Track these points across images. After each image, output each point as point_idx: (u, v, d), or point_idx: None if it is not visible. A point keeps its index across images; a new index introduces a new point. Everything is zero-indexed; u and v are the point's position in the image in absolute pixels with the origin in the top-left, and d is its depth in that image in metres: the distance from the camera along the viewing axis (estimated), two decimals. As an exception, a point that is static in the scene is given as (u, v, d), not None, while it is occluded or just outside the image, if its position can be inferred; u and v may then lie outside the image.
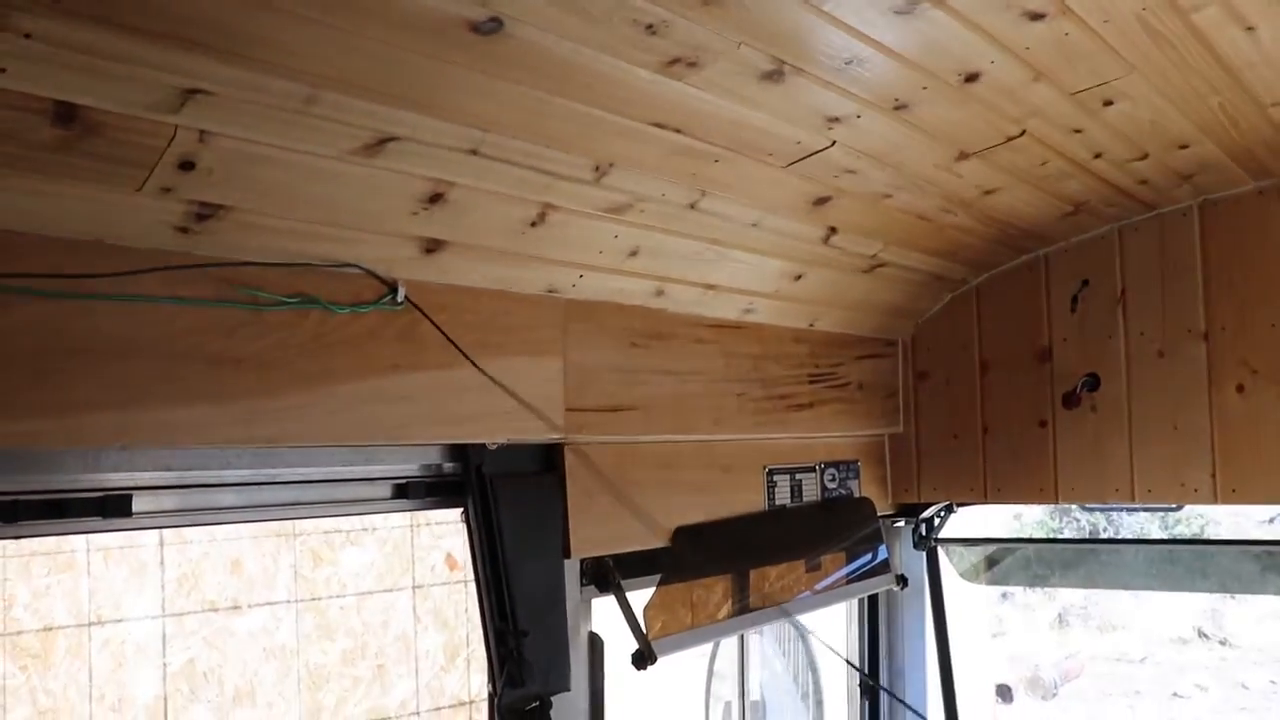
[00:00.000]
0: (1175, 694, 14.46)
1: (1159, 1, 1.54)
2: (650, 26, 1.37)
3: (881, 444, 2.91)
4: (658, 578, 2.23)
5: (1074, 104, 1.88)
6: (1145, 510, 3.14)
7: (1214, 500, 2.55)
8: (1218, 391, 2.55)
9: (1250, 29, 1.67)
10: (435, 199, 1.63)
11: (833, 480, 2.73)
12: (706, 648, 3.48)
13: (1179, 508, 2.85)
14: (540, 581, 1.98)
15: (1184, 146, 2.19)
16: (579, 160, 1.68)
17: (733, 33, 1.44)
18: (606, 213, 1.85)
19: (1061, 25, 1.57)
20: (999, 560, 3.80)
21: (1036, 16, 1.54)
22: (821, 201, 2.08)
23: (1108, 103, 1.90)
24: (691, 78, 1.52)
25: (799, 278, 2.35)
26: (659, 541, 2.21)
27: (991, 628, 12.48)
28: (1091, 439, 2.70)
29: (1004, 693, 13.12)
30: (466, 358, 1.80)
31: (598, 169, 1.72)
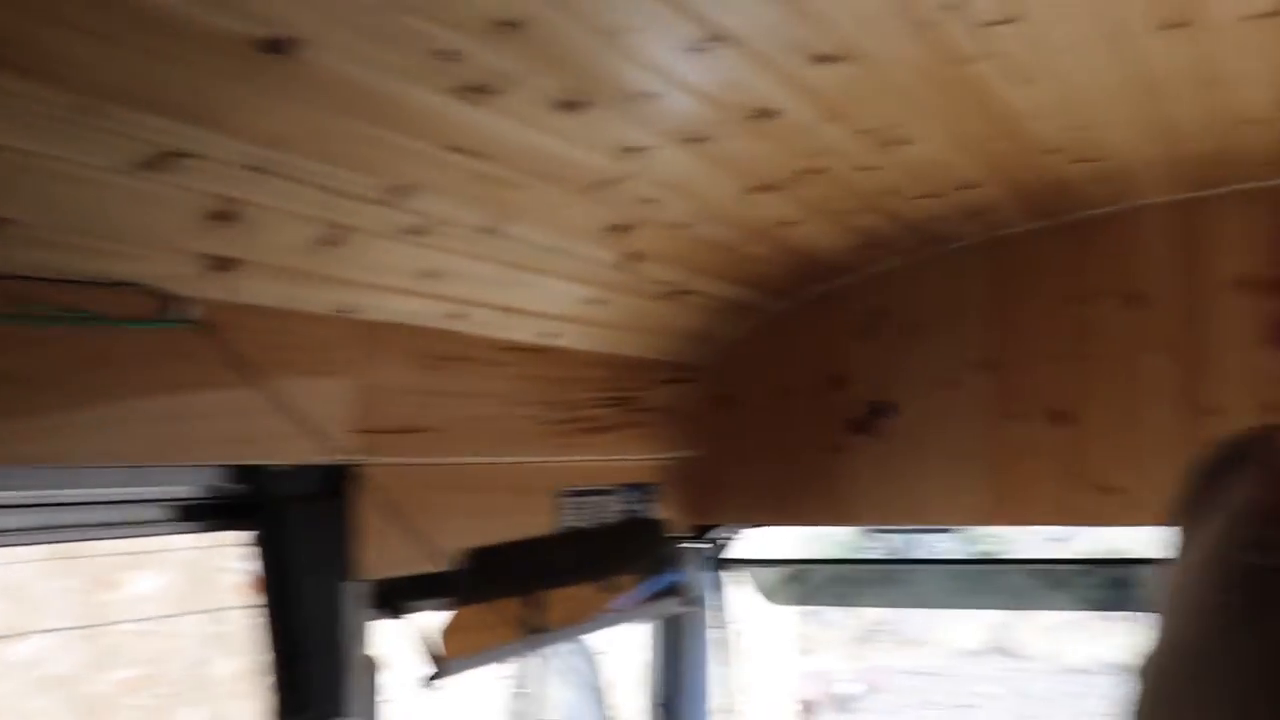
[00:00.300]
0: (966, 704, 15.04)
1: (939, 51, 1.60)
2: (446, 54, 1.36)
3: (680, 466, 2.95)
4: (448, 600, 2.20)
5: (865, 143, 1.94)
6: (941, 531, 3.27)
7: (989, 522, 2.69)
8: (997, 420, 2.67)
9: (1027, 80, 1.75)
10: (223, 216, 1.58)
11: (630, 503, 2.74)
12: (517, 670, 3.46)
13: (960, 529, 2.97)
14: (323, 605, 1.94)
15: (970, 187, 2.29)
16: (374, 182, 1.65)
17: (529, 63, 1.43)
18: (403, 234, 1.82)
19: (849, 69, 1.62)
20: (804, 580, 3.89)
21: (825, 59, 1.58)
22: (622, 229, 2.09)
23: (897, 143, 1.97)
24: (488, 104, 1.51)
25: (600, 303, 2.36)
26: (451, 564, 2.18)
27: (799, 645, 12.79)
28: (880, 463, 2.79)
29: (808, 707, 13.46)
30: (254, 378, 1.74)
31: (393, 191, 1.68)
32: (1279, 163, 2.34)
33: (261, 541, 1.87)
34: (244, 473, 1.86)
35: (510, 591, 2.43)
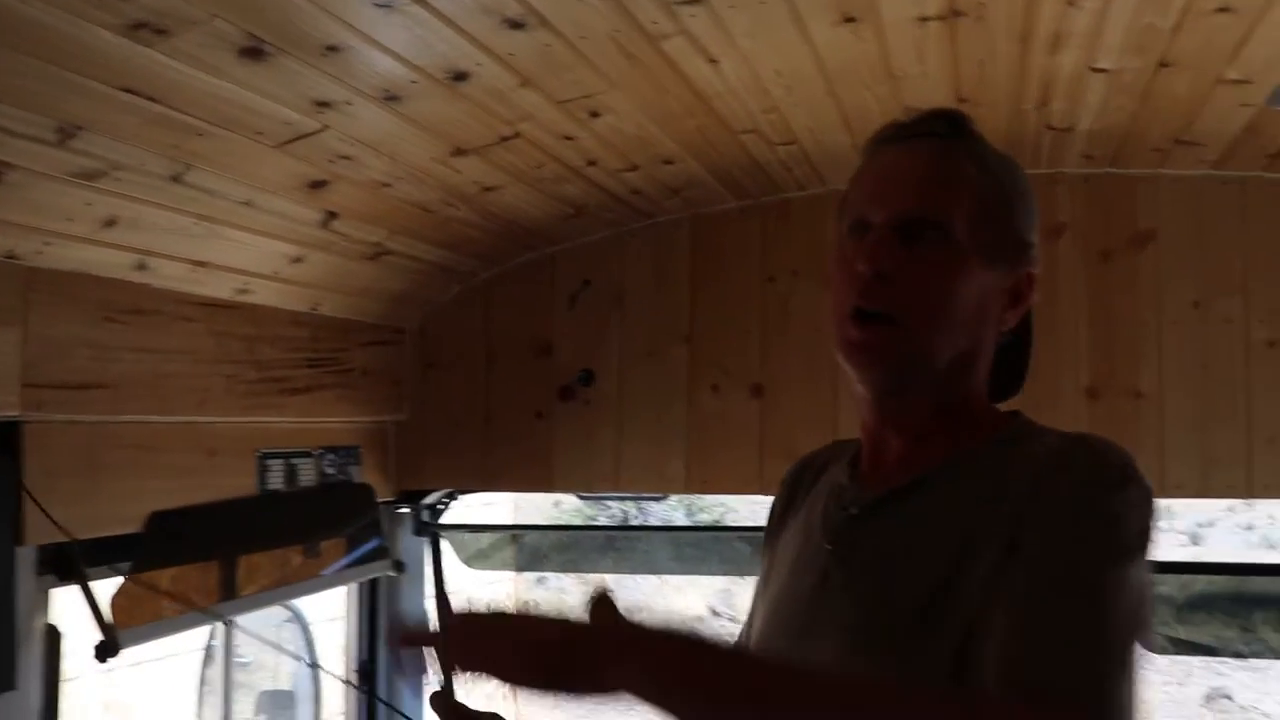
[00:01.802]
0: (683, 669, 15.39)
1: (629, 25, 1.65)
2: (109, -14, 1.30)
3: (385, 430, 2.92)
4: (132, 565, 2.12)
5: (563, 112, 1.97)
6: (657, 500, 3.37)
7: (686, 490, 2.78)
8: (695, 391, 2.77)
9: (714, 62, 1.82)
10: None
11: (332, 466, 2.70)
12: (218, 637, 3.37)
13: (664, 497, 3.07)
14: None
15: (669, 162, 2.36)
16: (40, 119, 1.56)
17: (205, 3, 1.39)
18: (76, 178, 1.73)
19: (542, 36, 1.65)
20: (523, 547, 3.93)
21: (517, 25, 1.60)
22: (319, 185, 2.05)
23: (594, 113, 2.01)
24: (161, 45, 1.45)
25: (298, 260, 2.31)
26: (134, 527, 2.10)
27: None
28: (584, 431, 2.85)
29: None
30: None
31: (62, 131, 1.60)
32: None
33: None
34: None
35: (201, 556, 2.36)
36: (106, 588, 2.09)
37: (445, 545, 3.20)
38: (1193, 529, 19.07)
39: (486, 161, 2.15)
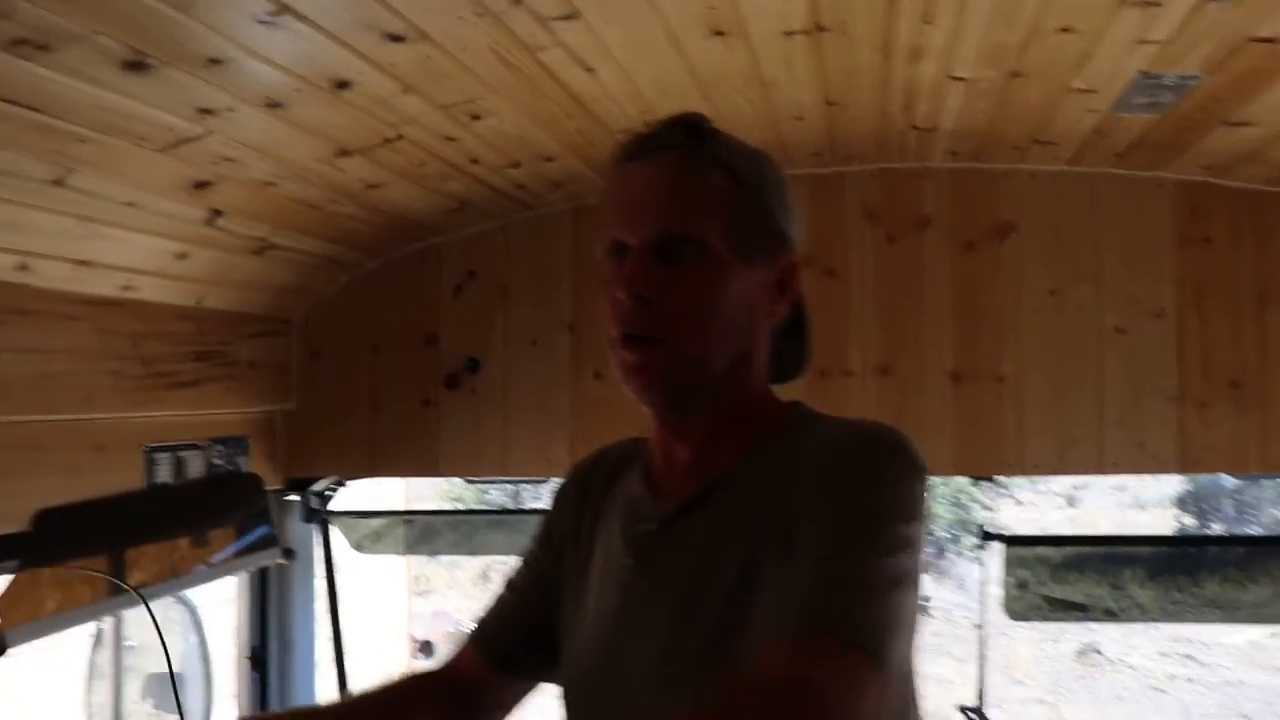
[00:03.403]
0: (576, 639, 15.50)
1: (507, 38, 1.71)
2: (-10, 8, 1.32)
3: (273, 420, 2.95)
4: (17, 564, 2.13)
5: (445, 115, 2.03)
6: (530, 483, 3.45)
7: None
8: (579, 377, 2.85)
9: (590, 70, 1.89)
10: None
11: (220, 457, 2.72)
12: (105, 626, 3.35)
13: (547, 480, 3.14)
14: None
15: (550, 159, 2.42)
16: (-81, 130, 1.57)
17: (87, 21, 1.41)
18: (-44, 183, 1.73)
19: (422, 48, 1.70)
20: (409, 530, 3.97)
21: (397, 38, 1.65)
22: (203, 185, 2.08)
23: (475, 117, 2.07)
24: (43, 59, 1.48)
25: (183, 256, 2.32)
26: (20, 526, 2.11)
27: (417, 587, 12.88)
28: (471, 418, 2.91)
29: (425, 648, 13.55)
30: None
31: (-56, 139, 1.61)
32: (823, 153, 2.63)
33: None
34: None
35: (86, 552, 2.37)
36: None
37: (334, 531, 3.24)
38: (1069, 491, 19.79)
39: (370, 161, 2.19)
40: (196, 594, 3.31)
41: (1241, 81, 1.95)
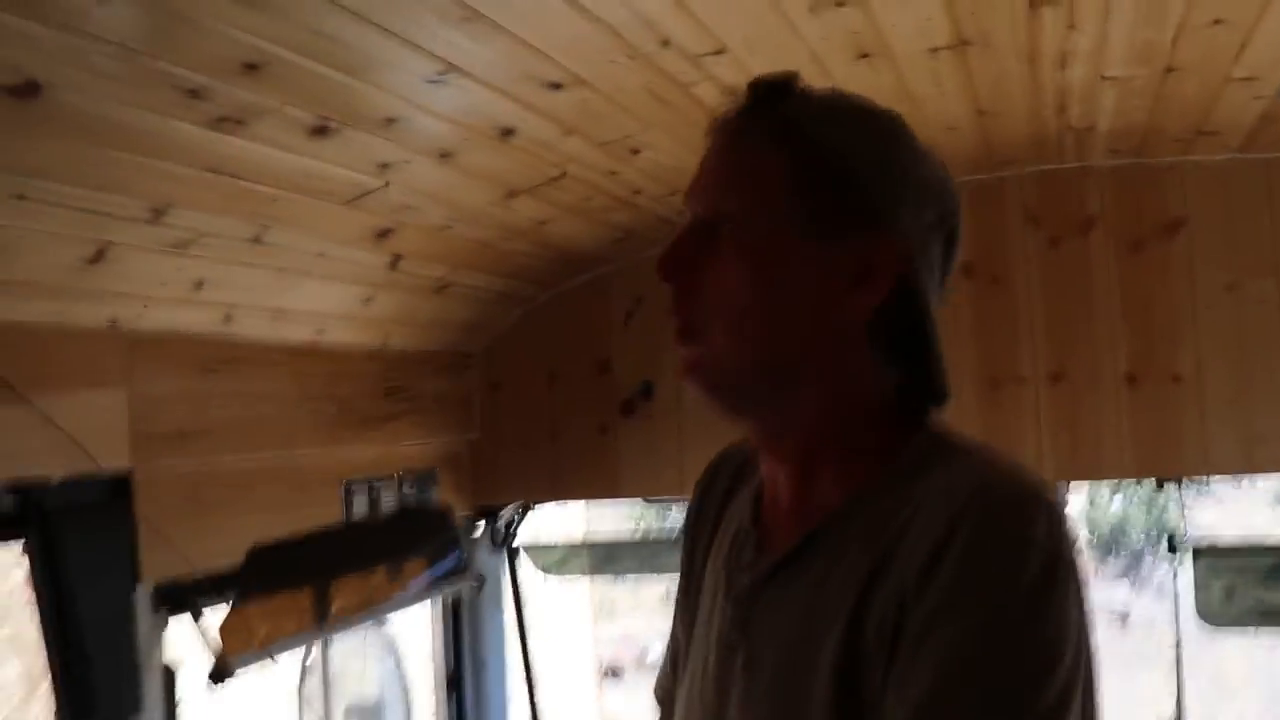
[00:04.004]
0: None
1: (660, 78, 1.79)
2: (193, 91, 1.46)
3: (459, 452, 3.09)
4: (234, 596, 2.29)
5: (605, 152, 2.12)
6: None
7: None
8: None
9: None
10: (-17, 240, 1.64)
11: (411, 489, 2.87)
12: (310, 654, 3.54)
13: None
14: (108, 608, 2.00)
15: (707, 186, 2.49)
16: (135, 202, 1.73)
17: (276, 96, 1.55)
18: (168, 248, 1.90)
19: (580, 93, 1.79)
20: (602, 550, 4.08)
21: (556, 86, 1.75)
22: (385, 233, 2.21)
23: (635, 151, 2.15)
24: (241, 133, 1.62)
25: (368, 300, 2.47)
26: (237, 561, 2.27)
27: (601, 611, 13.06)
28: (647, 440, 3.00)
29: (613, 672, 13.72)
30: (20, 394, 1.80)
31: (155, 210, 1.77)
32: (980, 160, 2.63)
33: (32, 550, 1.92)
34: (15, 487, 1.91)
35: (293, 584, 2.53)
36: (213, 618, 2.27)
37: (523, 557, 3.36)
38: (1278, 489, 18.85)
39: (538, 199, 2.30)
40: (393, 622, 3.48)
41: None
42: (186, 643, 2.23)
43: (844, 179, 1.02)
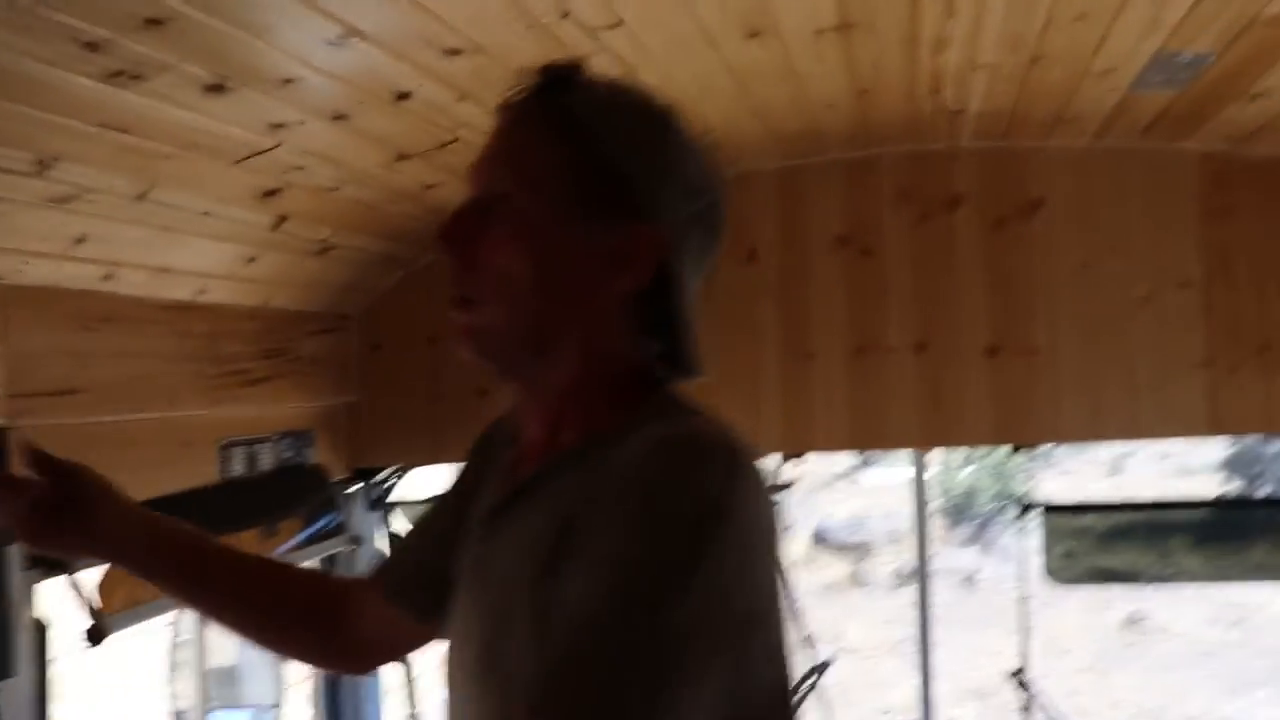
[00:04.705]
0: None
1: (558, 47, 1.82)
2: (92, 44, 1.45)
3: (337, 413, 3.09)
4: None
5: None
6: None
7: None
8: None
9: (634, 73, 2.01)
10: None
11: (289, 450, 2.87)
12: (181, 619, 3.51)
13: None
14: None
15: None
16: (20, 155, 1.70)
17: (174, 52, 1.55)
18: (51, 203, 1.87)
19: (477, 60, 1.82)
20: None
21: (454, 52, 1.77)
22: (271, 193, 2.21)
23: (525, 119, 2.19)
24: (136, 88, 1.61)
25: (251, 260, 2.46)
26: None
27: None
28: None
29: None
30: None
31: (40, 163, 1.74)
32: (855, 138, 2.73)
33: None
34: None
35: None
36: (89, 577, 2.25)
37: (397, 513, 3.38)
38: (1115, 459, 19.76)
39: (428, 163, 2.32)
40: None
41: (1253, 58, 2.04)
42: (61, 603, 2.21)
43: (611, 170, 1.10)
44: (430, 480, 4.01)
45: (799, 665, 2.87)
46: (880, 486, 17.02)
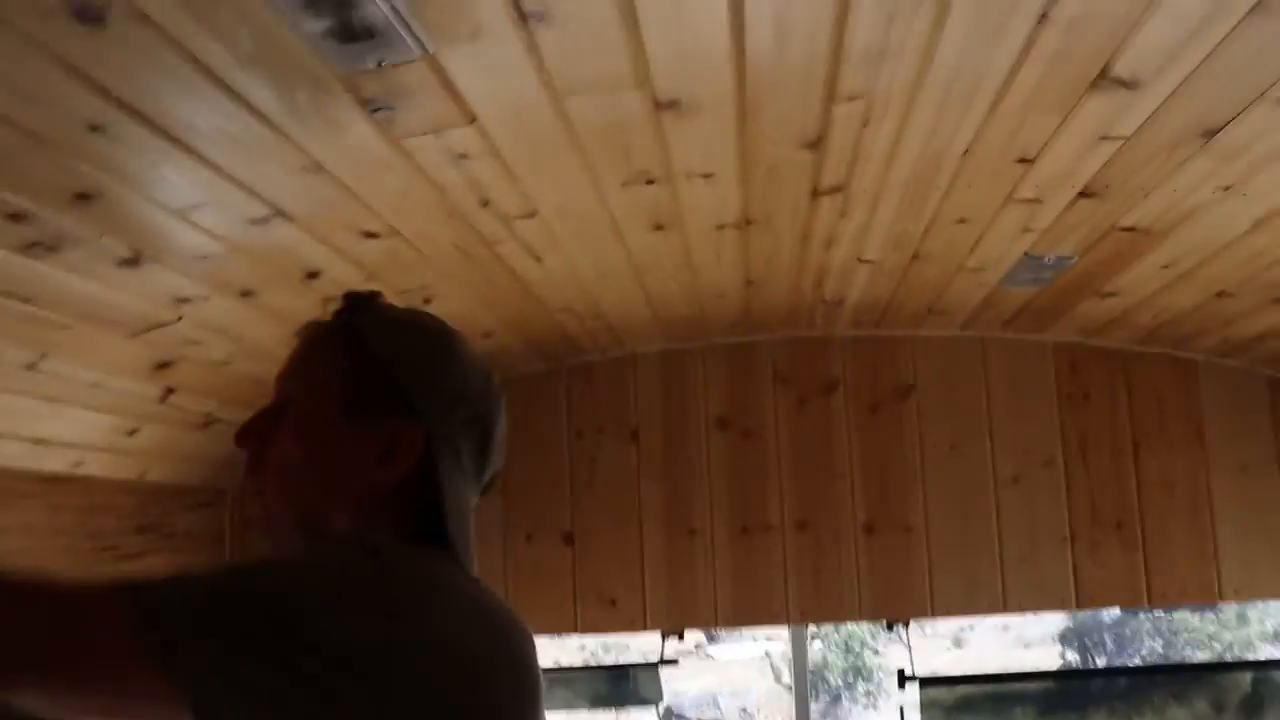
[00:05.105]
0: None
1: (471, 234, 1.88)
2: (16, 215, 1.44)
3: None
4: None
5: (401, 299, 2.16)
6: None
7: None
8: (511, 540, 2.97)
9: (538, 259, 2.07)
10: None
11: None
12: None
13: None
14: None
15: (488, 335, 2.58)
16: (-85, 322, 1.66)
17: (97, 227, 1.54)
18: (-62, 371, 1.82)
19: (392, 243, 1.86)
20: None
21: (372, 235, 1.81)
22: (164, 366, 2.18)
23: (428, 300, 2.22)
24: (50, 259, 1.59)
25: (133, 432, 2.40)
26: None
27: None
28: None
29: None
30: None
31: (-67, 331, 1.70)
32: (739, 324, 2.84)
33: None
34: None
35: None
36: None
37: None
38: (955, 633, 20.11)
39: (323, 340, 2.31)
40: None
41: (1109, 261, 2.22)
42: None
43: (383, 378, 1.24)
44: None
45: None
46: (731, 662, 16.95)
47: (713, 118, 1.53)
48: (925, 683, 3.03)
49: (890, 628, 3.05)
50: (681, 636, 3.05)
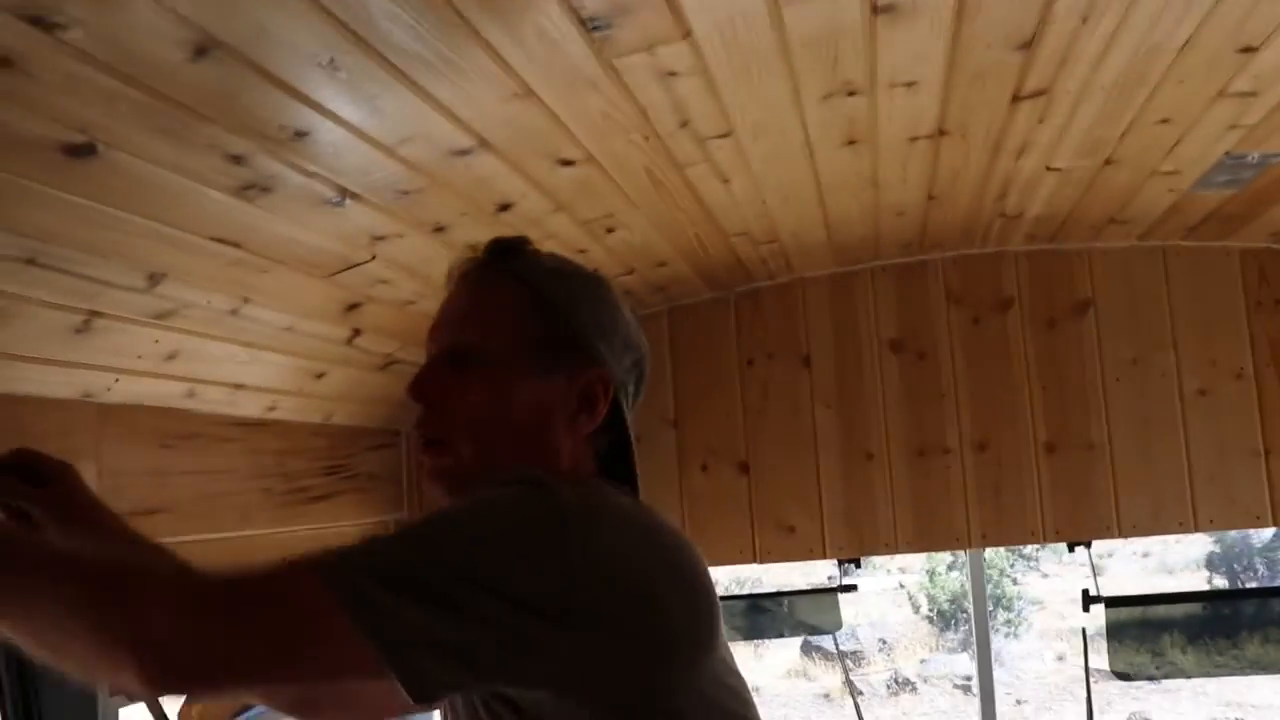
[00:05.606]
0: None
1: (664, 157, 1.85)
2: (237, 157, 1.46)
3: (389, 529, 3.04)
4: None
5: (584, 230, 2.17)
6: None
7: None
8: (686, 471, 2.96)
9: (726, 181, 2.03)
10: (-21, 307, 1.58)
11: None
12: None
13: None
14: (73, 689, 1.92)
15: (663, 264, 2.56)
16: (134, 270, 1.70)
17: (307, 166, 1.55)
18: (151, 319, 1.86)
19: (586, 171, 1.84)
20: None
21: (568, 163, 1.79)
22: (353, 307, 2.20)
23: (610, 230, 2.20)
24: (260, 201, 1.61)
25: (320, 375, 2.44)
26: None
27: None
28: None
29: None
30: None
31: (151, 279, 1.74)
32: (911, 244, 2.77)
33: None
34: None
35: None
36: (170, 704, 2.19)
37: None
38: (1095, 560, 19.74)
39: (504, 275, 2.32)
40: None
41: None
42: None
43: (564, 324, 1.26)
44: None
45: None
46: (867, 594, 16.89)
47: (928, 22, 1.48)
48: (1111, 603, 2.96)
49: (1072, 549, 2.98)
50: (858, 564, 3.03)
